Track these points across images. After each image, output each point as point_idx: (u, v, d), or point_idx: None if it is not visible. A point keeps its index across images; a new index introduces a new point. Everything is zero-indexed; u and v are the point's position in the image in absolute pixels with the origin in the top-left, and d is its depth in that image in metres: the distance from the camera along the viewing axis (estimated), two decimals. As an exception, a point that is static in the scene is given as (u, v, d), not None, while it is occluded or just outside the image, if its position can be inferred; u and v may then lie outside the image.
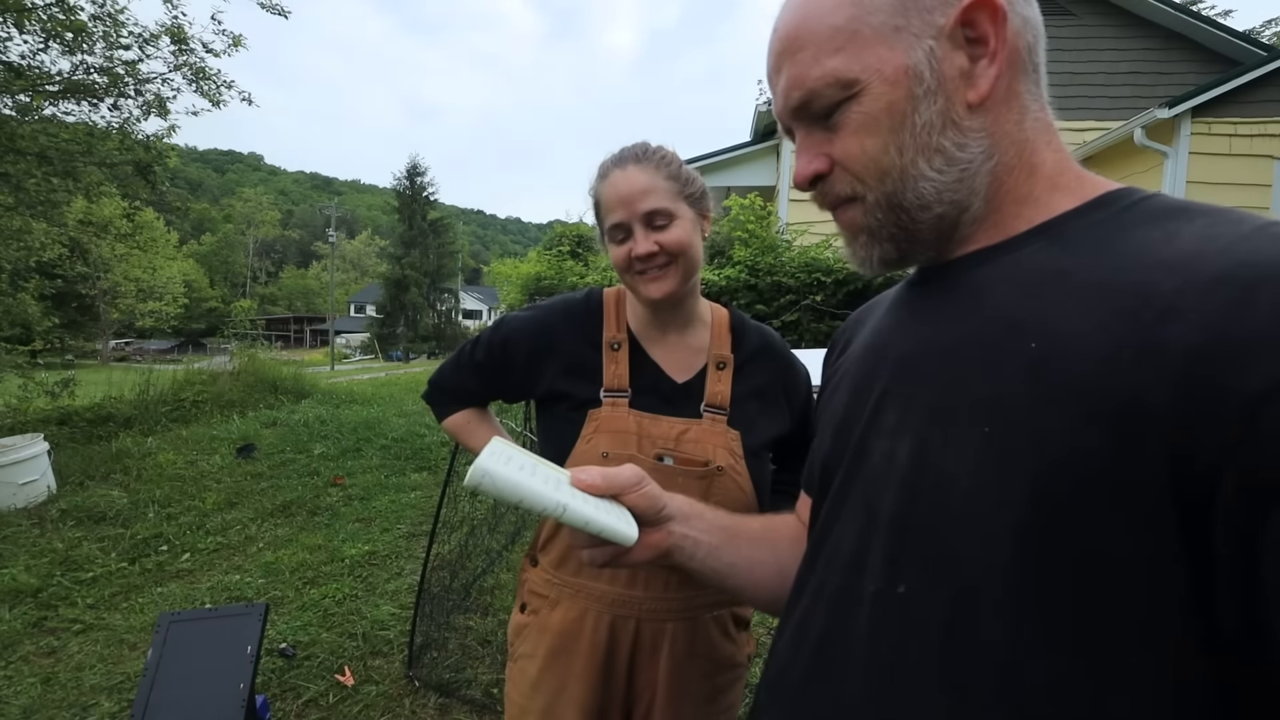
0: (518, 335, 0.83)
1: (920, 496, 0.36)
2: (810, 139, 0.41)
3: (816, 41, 0.38)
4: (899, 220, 0.39)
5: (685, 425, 0.75)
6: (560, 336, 0.81)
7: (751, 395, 0.79)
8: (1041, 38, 0.39)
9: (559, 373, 0.80)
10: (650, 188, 0.72)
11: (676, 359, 0.80)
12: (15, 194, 4.58)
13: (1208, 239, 0.30)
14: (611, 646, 0.76)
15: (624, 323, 0.81)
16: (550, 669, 0.77)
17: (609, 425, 0.75)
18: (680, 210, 0.74)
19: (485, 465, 0.42)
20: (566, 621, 0.77)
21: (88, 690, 1.88)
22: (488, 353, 0.85)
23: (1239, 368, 0.25)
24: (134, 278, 25.64)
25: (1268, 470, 0.24)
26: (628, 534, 0.44)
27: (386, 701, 1.82)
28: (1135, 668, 0.28)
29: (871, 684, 0.36)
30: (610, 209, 0.74)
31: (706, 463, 0.74)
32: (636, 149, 0.76)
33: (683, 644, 0.76)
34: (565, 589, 0.78)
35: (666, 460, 0.74)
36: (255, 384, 6.21)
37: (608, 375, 0.77)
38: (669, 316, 0.80)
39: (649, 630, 0.76)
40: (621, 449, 0.74)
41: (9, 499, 3.40)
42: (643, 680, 0.77)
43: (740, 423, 0.77)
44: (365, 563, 2.81)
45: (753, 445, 0.77)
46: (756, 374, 0.81)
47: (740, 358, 0.81)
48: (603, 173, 0.76)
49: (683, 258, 0.74)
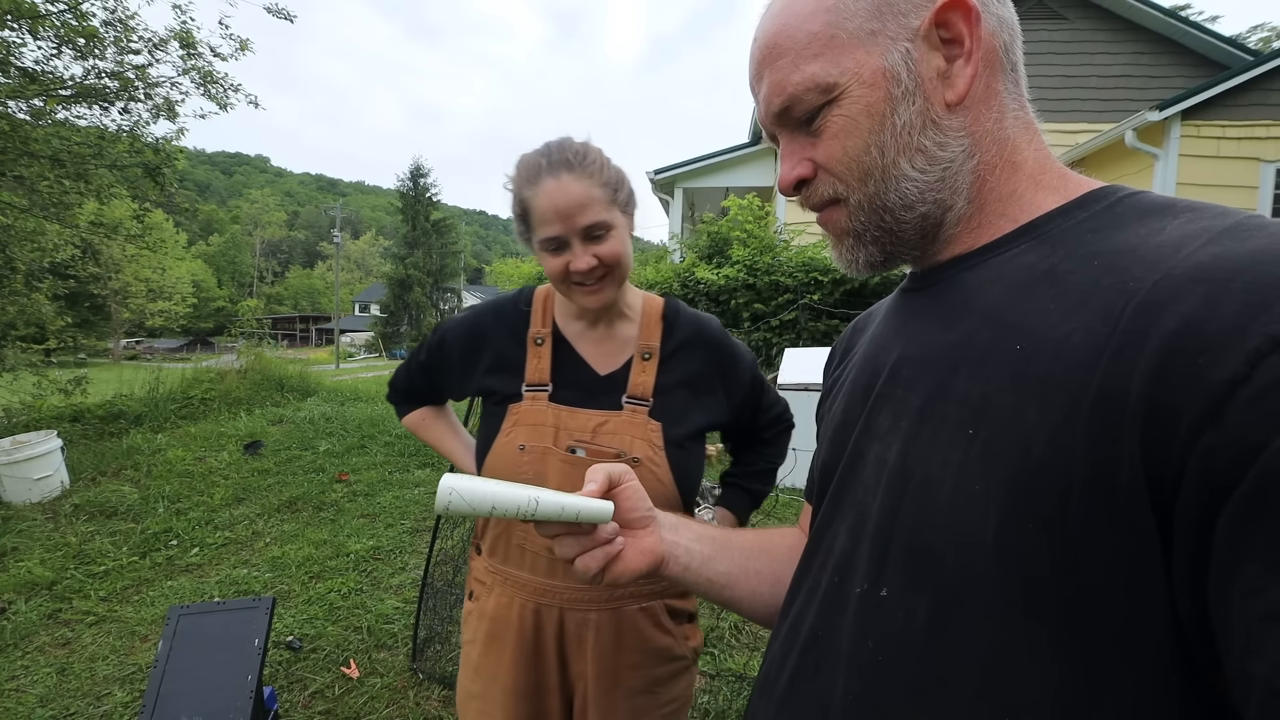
0: (452, 336, 0.86)
1: (906, 499, 0.36)
2: (793, 144, 0.41)
3: (795, 48, 0.38)
4: (883, 221, 0.40)
5: (604, 417, 0.75)
6: (489, 335, 0.82)
7: (679, 385, 0.78)
8: (1018, 37, 0.39)
9: (487, 370, 0.81)
10: (587, 200, 0.69)
11: (602, 352, 0.80)
12: (29, 196, 4.65)
13: (1189, 234, 0.29)
14: (537, 633, 0.77)
15: (550, 319, 0.81)
16: (486, 654, 0.79)
17: (527, 419, 0.76)
18: (615, 219, 0.72)
19: (450, 483, 0.42)
20: (498, 608, 0.78)
21: (101, 680, 1.93)
22: (428, 354, 0.89)
23: (1211, 359, 0.24)
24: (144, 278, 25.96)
25: (1228, 459, 0.24)
26: (604, 511, 0.44)
27: (391, 694, 1.84)
28: (1118, 670, 0.27)
29: (855, 684, 0.36)
30: (545, 221, 0.71)
31: (619, 454, 0.73)
32: (568, 154, 0.71)
33: (608, 635, 0.76)
34: (497, 576, 0.79)
35: (578, 452, 0.73)
36: (262, 382, 6.27)
37: (529, 370, 0.78)
38: (597, 312, 0.79)
39: (573, 620, 0.76)
40: (538, 441, 0.74)
41: (24, 494, 3.47)
42: (575, 670, 0.78)
43: (663, 413, 0.76)
44: (370, 558, 2.84)
45: (676, 436, 0.75)
46: (687, 363, 0.79)
47: (669, 348, 0.79)
48: (530, 176, 0.71)
49: (619, 267, 0.73)
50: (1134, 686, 0.27)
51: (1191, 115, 4.74)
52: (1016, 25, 0.39)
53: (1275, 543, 0.23)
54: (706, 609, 2.20)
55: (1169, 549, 0.26)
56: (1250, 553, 0.23)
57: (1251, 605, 0.23)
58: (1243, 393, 0.24)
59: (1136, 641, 0.27)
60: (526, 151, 0.74)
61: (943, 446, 0.34)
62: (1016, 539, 0.30)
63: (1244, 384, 0.24)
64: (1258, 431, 0.23)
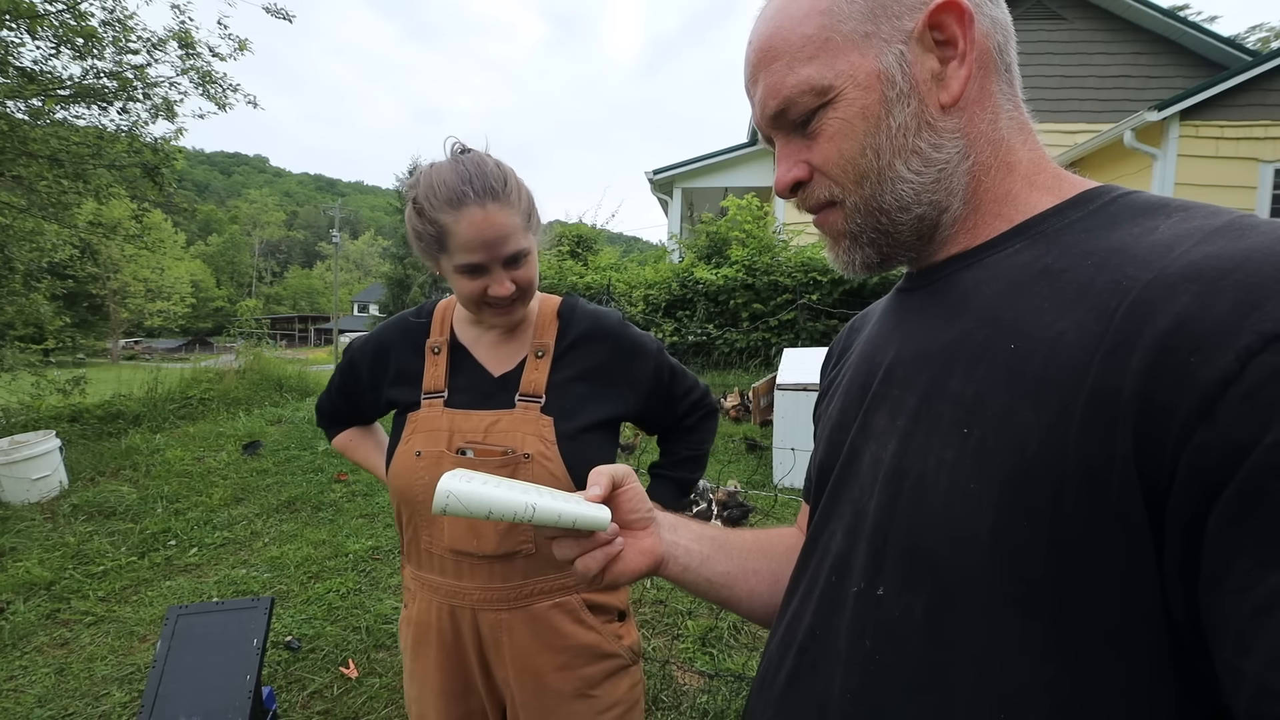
0: (359, 355, 0.87)
1: (901, 498, 0.36)
2: (789, 147, 0.42)
3: (790, 51, 0.39)
4: (879, 223, 0.40)
5: (496, 416, 0.76)
6: (392, 350, 0.84)
7: (575, 379, 0.79)
8: (1011, 38, 0.39)
9: (391, 383, 0.83)
10: (511, 230, 0.70)
11: (498, 354, 0.81)
12: (28, 196, 4.66)
13: (1181, 234, 0.29)
14: (456, 636, 0.78)
15: (448, 327, 0.83)
16: (415, 659, 0.81)
17: (424, 425, 0.77)
18: (530, 243, 0.74)
19: (448, 486, 0.42)
20: (421, 613, 0.80)
21: (99, 680, 1.93)
22: (341, 376, 0.91)
23: (1202, 357, 0.25)
24: (143, 278, 25.95)
25: (1219, 457, 0.24)
26: (601, 519, 0.44)
27: (390, 694, 1.85)
28: (1113, 667, 0.28)
29: (853, 683, 0.37)
30: (467, 248, 0.70)
31: (505, 451, 0.73)
32: (491, 181, 0.70)
33: (523, 634, 0.76)
34: (419, 582, 0.80)
35: (467, 453, 0.75)
36: (261, 382, 6.27)
37: (426, 378, 0.80)
38: None
39: (487, 621, 0.76)
40: (433, 446, 0.75)
41: (22, 494, 3.47)
42: (499, 675, 0.78)
43: (556, 408, 0.76)
44: (368, 558, 2.84)
45: (569, 429, 0.76)
46: (583, 357, 0.80)
47: (564, 344, 0.80)
48: (452, 201, 0.69)
49: (530, 289, 0.76)
50: (1129, 683, 0.28)
51: (1190, 115, 4.76)
52: (1010, 26, 0.40)
53: (1265, 539, 0.23)
54: (706, 609, 2.20)
55: (1162, 546, 0.26)
56: (1241, 549, 0.23)
57: (1242, 601, 0.23)
58: (1234, 390, 0.24)
59: (1131, 638, 0.27)
60: (436, 165, 0.73)
61: (938, 446, 0.34)
62: (1011, 537, 0.30)
63: (1235, 382, 0.24)
64: (1249, 429, 0.23)
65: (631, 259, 9.31)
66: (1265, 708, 0.23)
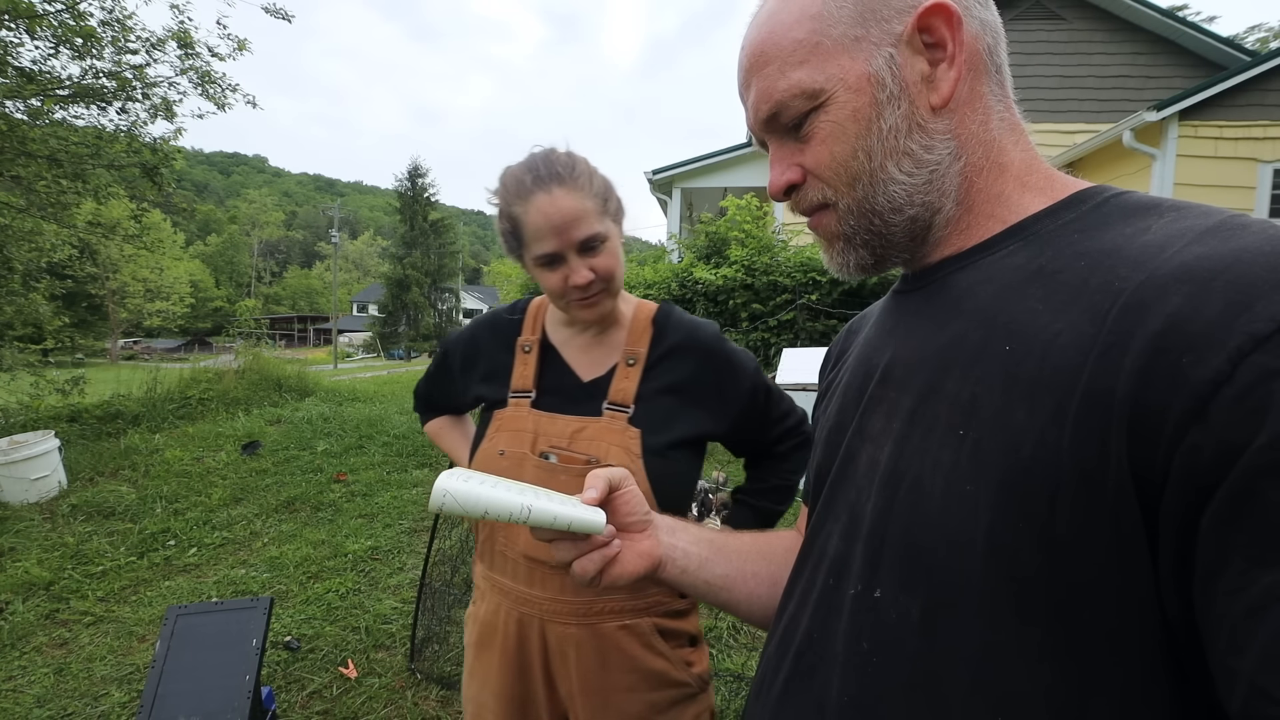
0: (453, 347, 0.89)
1: (898, 500, 0.36)
2: (782, 150, 0.42)
3: (781, 56, 0.39)
4: (872, 225, 0.40)
5: (583, 423, 0.74)
6: (483, 345, 0.85)
7: (665, 392, 0.76)
8: (1001, 39, 0.40)
9: (480, 379, 0.84)
10: (581, 213, 0.69)
11: (589, 358, 0.79)
12: (27, 196, 4.65)
13: (1173, 234, 0.30)
14: (521, 643, 0.76)
15: (540, 327, 0.82)
16: (477, 658, 0.80)
17: (509, 425, 0.76)
18: (608, 229, 0.71)
19: (444, 485, 0.42)
20: (488, 614, 0.79)
21: (98, 680, 1.93)
22: (437, 365, 0.93)
23: (1195, 358, 0.25)
24: (142, 278, 25.96)
25: (1211, 457, 0.24)
26: (596, 522, 0.44)
27: (389, 694, 1.85)
28: (1109, 669, 0.28)
29: (850, 686, 0.37)
30: (539, 237, 0.70)
31: (589, 460, 0.71)
32: (558, 166, 0.70)
33: (590, 652, 0.73)
34: (489, 583, 0.80)
35: (551, 458, 0.73)
36: (260, 382, 6.26)
37: (515, 377, 0.79)
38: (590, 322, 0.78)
39: (554, 634, 0.74)
40: (517, 447, 0.74)
41: (21, 494, 3.46)
42: (564, 688, 0.76)
43: (644, 420, 0.73)
44: (368, 558, 2.84)
45: (656, 444, 0.73)
46: (675, 369, 0.77)
47: (656, 353, 0.77)
48: (521, 192, 0.70)
49: (614, 280, 0.73)
50: (1124, 685, 0.28)
51: (1189, 115, 4.76)
52: (1000, 28, 0.40)
53: (1258, 539, 0.23)
54: (704, 609, 2.21)
55: (1156, 547, 0.26)
56: (1234, 549, 0.24)
57: (1235, 602, 0.24)
58: (1226, 391, 0.24)
59: (1127, 640, 0.27)
60: (510, 165, 0.73)
61: (934, 448, 0.34)
62: (1007, 539, 0.30)
63: (1227, 383, 0.24)
64: (1241, 430, 0.23)
65: (631, 259, 9.31)
66: (1258, 707, 0.23)
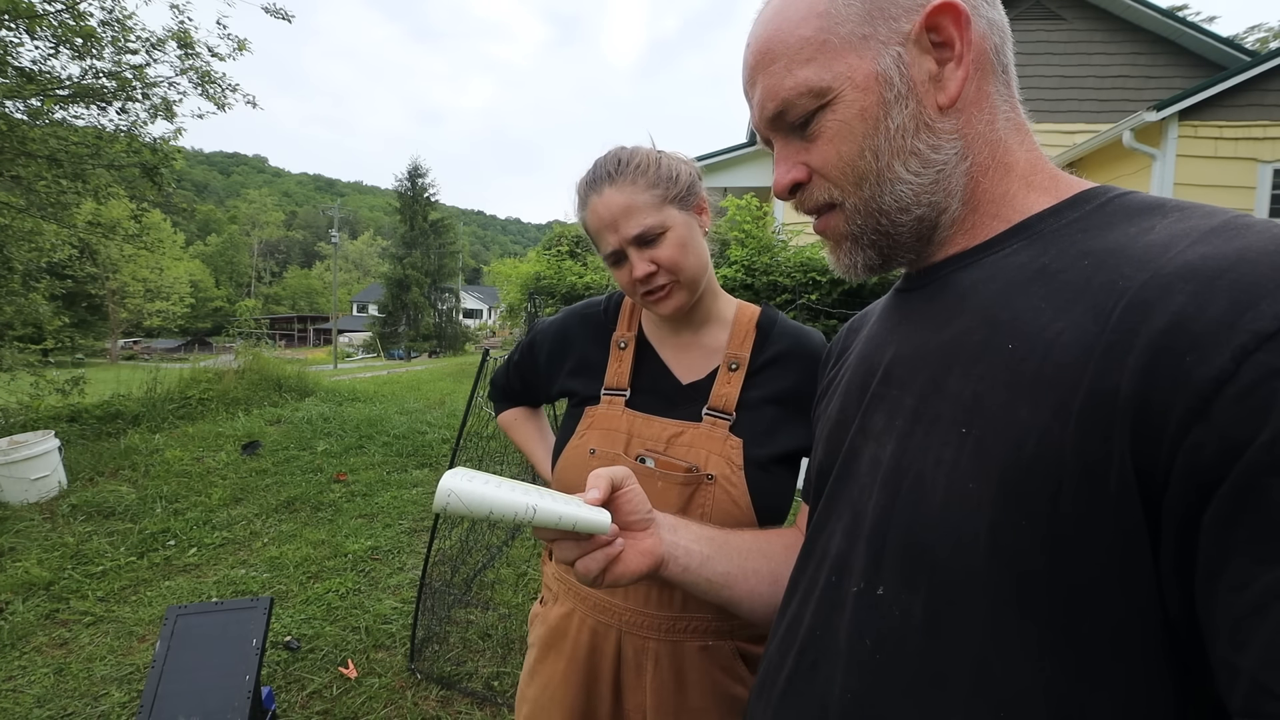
0: (541, 337, 0.86)
1: (900, 498, 0.36)
2: (788, 148, 0.42)
3: (788, 54, 0.39)
4: (879, 225, 0.40)
5: (681, 428, 0.71)
6: (574, 337, 0.82)
7: (769, 401, 0.72)
8: (1008, 39, 0.40)
9: (570, 372, 0.81)
10: (630, 208, 0.67)
11: (687, 359, 0.76)
12: (27, 196, 4.65)
13: (1177, 234, 0.30)
14: (593, 653, 0.73)
15: (636, 323, 0.79)
16: (543, 660, 0.77)
17: (601, 423, 0.74)
18: (669, 218, 0.68)
19: (449, 485, 0.42)
20: (559, 618, 0.76)
21: (98, 680, 1.93)
22: (522, 354, 0.91)
23: (1198, 356, 0.25)
24: (141, 278, 25.97)
25: (1214, 455, 0.24)
26: (601, 522, 0.44)
27: (389, 694, 1.85)
28: (1111, 665, 0.28)
29: (853, 683, 0.37)
30: (599, 238, 0.71)
31: (690, 468, 0.68)
32: (608, 166, 0.70)
33: (668, 669, 0.70)
34: (563, 585, 0.77)
35: (648, 462, 0.70)
36: (260, 382, 6.26)
37: (609, 373, 0.76)
38: (681, 318, 0.76)
39: (631, 645, 0.71)
40: (609, 447, 0.72)
41: (21, 494, 3.46)
42: (632, 701, 0.72)
43: (746, 430, 0.70)
44: (368, 558, 2.84)
45: (759, 456, 0.69)
46: (779, 378, 0.73)
47: (760, 360, 0.73)
48: (582, 201, 0.71)
49: (682, 269, 0.69)
50: (1127, 681, 0.28)
51: (1189, 116, 4.77)
52: (1007, 27, 0.40)
53: (1260, 537, 0.23)
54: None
55: (1159, 545, 0.26)
56: (1236, 547, 0.24)
57: (1237, 599, 0.24)
58: (1229, 390, 0.24)
59: (1129, 637, 0.27)
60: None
61: (936, 445, 0.34)
62: (1009, 537, 0.30)
63: (1230, 381, 0.24)
64: (1243, 428, 0.23)
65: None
66: (1260, 704, 0.23)
